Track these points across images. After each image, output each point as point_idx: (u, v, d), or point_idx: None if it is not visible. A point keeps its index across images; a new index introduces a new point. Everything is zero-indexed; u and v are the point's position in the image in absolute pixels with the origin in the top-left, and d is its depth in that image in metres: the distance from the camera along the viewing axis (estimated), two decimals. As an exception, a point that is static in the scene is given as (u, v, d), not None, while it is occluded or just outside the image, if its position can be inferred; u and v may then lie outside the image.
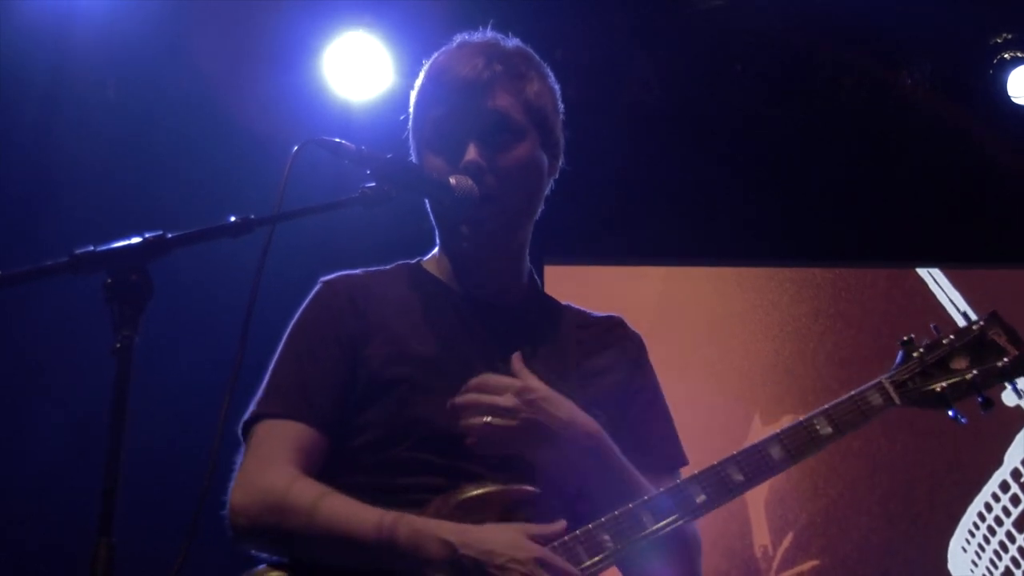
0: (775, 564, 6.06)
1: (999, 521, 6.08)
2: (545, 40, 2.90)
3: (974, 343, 2.84)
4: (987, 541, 6.06)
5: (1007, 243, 6.53)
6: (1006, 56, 6.18)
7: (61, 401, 5.60)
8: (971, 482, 6.21)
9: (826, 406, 2.77)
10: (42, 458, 5.62)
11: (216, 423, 2.19)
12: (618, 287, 6.39)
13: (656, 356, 2.99)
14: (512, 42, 2.87)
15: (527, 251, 2.93)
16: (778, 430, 2.72)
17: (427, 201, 2.82)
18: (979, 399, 2.80)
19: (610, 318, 3.00)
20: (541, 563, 2.41)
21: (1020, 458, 6.19)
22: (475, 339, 2.76)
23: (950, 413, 2.80)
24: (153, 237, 1.99)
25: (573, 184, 3.02)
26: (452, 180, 2.63)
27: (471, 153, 2.70)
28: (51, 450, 5.59)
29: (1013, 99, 6.19)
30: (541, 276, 6.03)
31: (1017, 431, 6.24)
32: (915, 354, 2.85)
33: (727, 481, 2.68)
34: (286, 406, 2.60)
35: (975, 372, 2.80)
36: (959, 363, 2.81)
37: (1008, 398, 6.23)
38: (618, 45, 6.22)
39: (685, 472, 2.88)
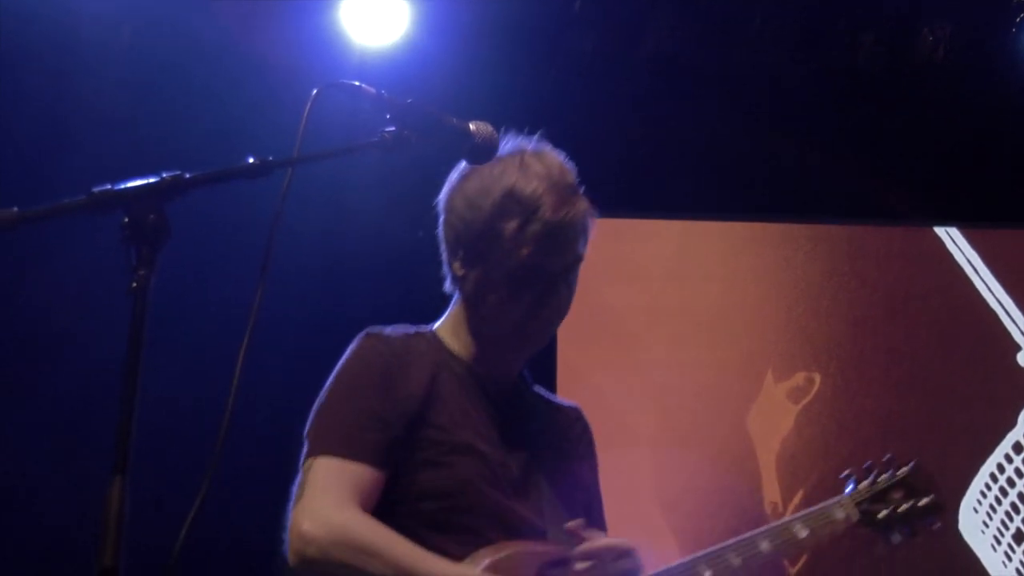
0: (785, 521, 6.06)
1: (1011, 483, 6.07)
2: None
3: (905, 480, 3.39)
4: (998, 503, 6.05)
5: (1025, 203, 6.51)
6: (1029, 16, 6.14)
7: (77, 342, 5.62)
8: (983, 443, 6.20)
9: (803, 512, 3.25)
10: (57, 402, 5.65)
11: (232, 367, 2.19)
12: (633, 241, 6.37)
13: (671, 311, 3.08)
14: None
15: None
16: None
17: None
18: (906, 530, 3.35)
19: (574, 408, 3.17)
20: None
21: (1034, 419, 6.19)
22: (494, 425, 2.89)
23: (891, 537, 3.35)
24: (171, 177, 1.98)
25: (589, 136, 3.02)
26: (472, 126, 2.62)
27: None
28: (67, 392, 5.63)
29: (1035, 59, 6.16)
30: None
31: (1031, 392, 6.23)
32: (862, 485, 3.36)
33: (728, 565, 3.03)
34: (348, 447, 2.69)
35: (908, 504, 3.35)
36: (896, 494, 3.36)
37: None
38: (637, -3, 6.19)
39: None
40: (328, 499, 2.62)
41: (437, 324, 3.01)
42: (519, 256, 2.82)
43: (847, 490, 3.35)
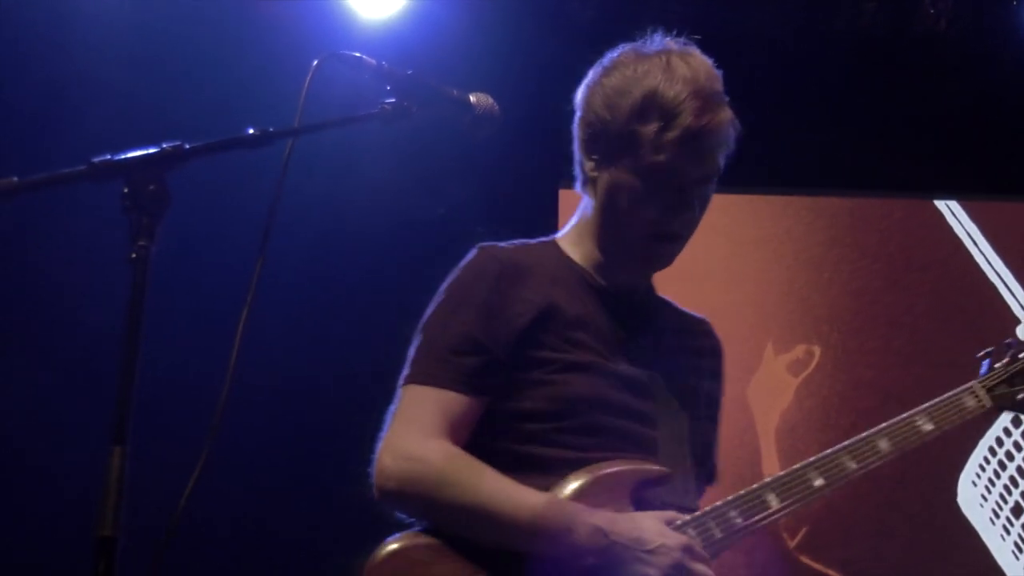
0: (784, 493, 6.07)
1: (1010, 456, 6.07)
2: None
3: None
4: (997, 476, 6.06)
5: (1026, 176, 6.50)
6: (1031, -14, 6.12)
7: (77, 313, 5.63)
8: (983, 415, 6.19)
9: (926, 405, 3.12)
10: (57, 373, 5.65)
11: (231, 339, 2.19)
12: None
13: (670, 282, 3.04)
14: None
15: None
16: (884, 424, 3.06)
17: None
18: None
19: (704, 322, 3.10)
20: (687, 549, 2.55)
21: (1033, 392, 6.17)
22: (610, 338, 2.80)
23: None
24: (171, 146, 1.99)
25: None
26: (472, 98, 2.61)
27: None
28: (67, 362, 5.63)
29: (1036, 30, 6.14)
30: (556, 200, 6.04)
31: (1030, 365, 6.22)
32: (998, 364, 3.21)
33: (843, 468, 2.91)
34: (439, 376, 2.64)
35: None
36: None
37: (1023, 333, 6.22)
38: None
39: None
40: (412, 431, 2.59)
41: (560, 234, 2.94)
42: (654, 161, 2.74)
43: (981, 371, 3.21)
